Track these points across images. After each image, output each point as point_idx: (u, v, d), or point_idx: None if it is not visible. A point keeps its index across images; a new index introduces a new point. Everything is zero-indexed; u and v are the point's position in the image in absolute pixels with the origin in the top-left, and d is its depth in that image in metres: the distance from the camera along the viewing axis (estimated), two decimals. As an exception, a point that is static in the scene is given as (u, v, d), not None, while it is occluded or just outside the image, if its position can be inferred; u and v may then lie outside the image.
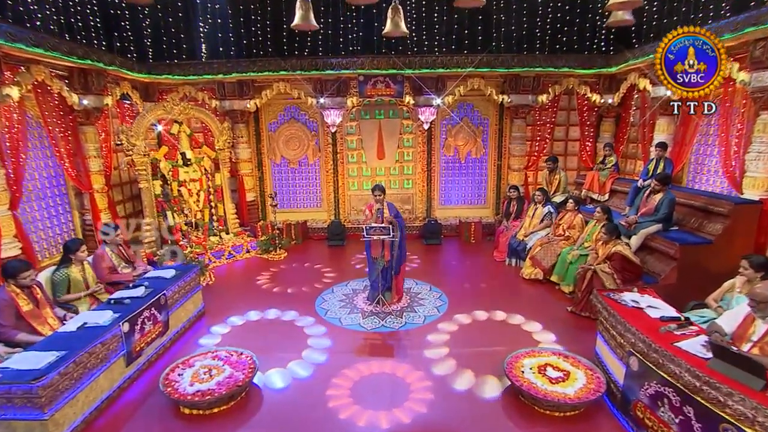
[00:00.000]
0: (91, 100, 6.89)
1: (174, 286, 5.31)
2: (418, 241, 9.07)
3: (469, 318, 5.74)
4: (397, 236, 5.73)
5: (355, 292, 6.56)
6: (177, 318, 5.36)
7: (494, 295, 6.50)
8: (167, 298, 5.10)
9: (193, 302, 5.79)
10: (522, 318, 5.70)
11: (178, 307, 5.39)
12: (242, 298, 6.43)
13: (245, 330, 5.49)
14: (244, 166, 9.34)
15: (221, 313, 5.86)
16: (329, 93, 8.76)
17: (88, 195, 7.20)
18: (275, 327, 5.54)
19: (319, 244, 9.21)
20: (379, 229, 5.64)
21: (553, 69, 8.66)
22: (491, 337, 5.25)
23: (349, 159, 9.75)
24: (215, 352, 4.64)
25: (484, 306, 6.04)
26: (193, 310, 5.76)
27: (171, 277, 5.44)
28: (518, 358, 4.45)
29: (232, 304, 6.16)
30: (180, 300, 5.44)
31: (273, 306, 6.07)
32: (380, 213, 5.82)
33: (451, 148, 9.75)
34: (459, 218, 9.69)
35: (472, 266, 7.77)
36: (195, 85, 8.73)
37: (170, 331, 5.18)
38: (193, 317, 5.73)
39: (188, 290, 5.65)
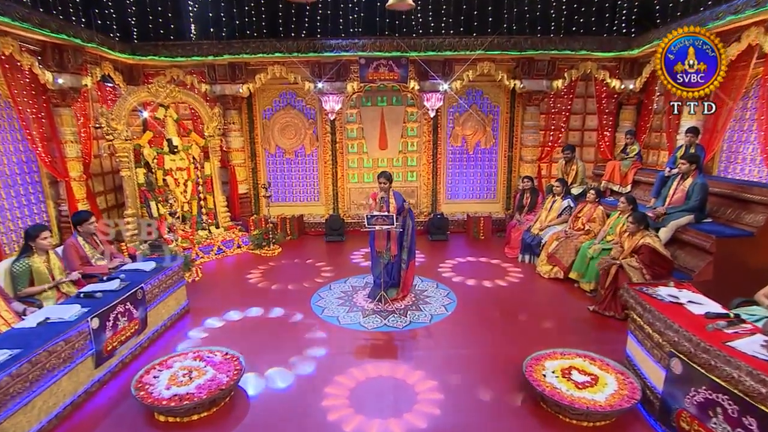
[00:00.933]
0: (67, 79, 6.55)
1: (153, 280, 4.96)
2: (423, 237, 8.77)
3: (481, 317, 5.39)
4: (399, 226, 5.40)
5: (354, 290, 6.23)
6: (157, 315, 5.01)
7: (507, 293, 6.17)
8: (145, 293, 4.74)
9: (176, 298, 5.44)
10: (540, 317, 5.34)
11: (159, 303, 5.04)
12: (231, 295, 6.16)
13: (233, 329, 5.18)
14: (236, 156, 9.04)
15: (207, 310, 5.57)
16: (328, 77, 8.44)
17: (64, 183, 6.86)
18: (266, 326, 5.22)
19: (317, 240, 8.92)
20: (382, 218, 5.28)
21: (570, 52, 8.30)
22: (506, 337, 4.90)
23: (349, 149, 9.45)
24: (197, 352, 4.28)
25: (496, 304, 5.69)
26: (175, 307, 5.41)
27: (151, 270, 5.09)
28: (539, 360, 4.08)
29: (219, 301, 5.89)
30: (160, 295, 5.10)
31: (264, 303, 5.78)
32: (385, 202, 5.52)
33: (459, 138, 9.43)
34: (467, 213, 9.36)
35: (482, 263, 7.44)
36: (183, 67, 8.41)
37: (149, 329, 4.82)
38: (175, 315, 5.38)
39: (170, 285, 5.30)
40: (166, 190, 7.40)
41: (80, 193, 7.00)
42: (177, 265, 5.49)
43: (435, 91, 8.53)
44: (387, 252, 5.61)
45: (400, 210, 5.58)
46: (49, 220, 6.84)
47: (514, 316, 5.45)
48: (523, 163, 9.26)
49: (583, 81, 9.01)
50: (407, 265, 5.71)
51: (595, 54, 8.32)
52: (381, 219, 5.30)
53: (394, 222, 5.25)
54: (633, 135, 7.60)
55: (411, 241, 5.65)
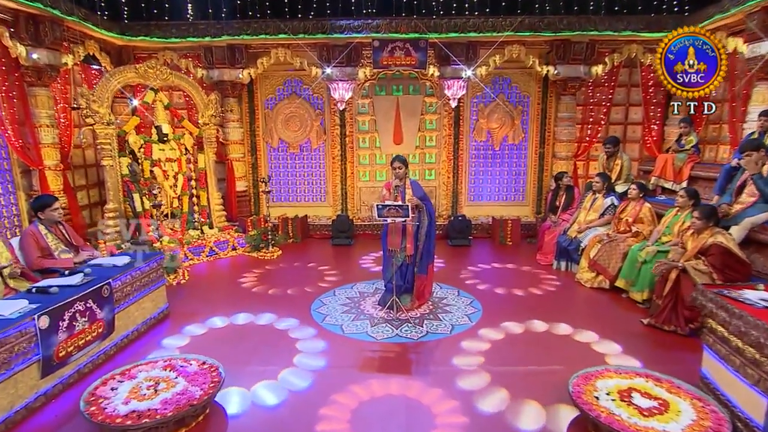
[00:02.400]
0: (44, 55, 6.21)
1: (125, 277, 4.48)
2: (442, 242, 8.27)
3: (511, 329, 4.82)
4: (415, 219, 4.95)
5: (362, 296, 5.75)
6: (128, 317, 4.54)
7: (542, 303, 5.61)
8: (113, 291, 4.25)
9: (153, 300, 4.99)
10: (583, 331, 4.73)
11: (131, 304, 4.57)
12: (219, 299, 5.75)
13: (217, 336, 4.70)
14: (234, 150, 8.70)
15: (190, 315, 5.14)
16: (338, 62, 8.06)
17: (38, 173, 6.50)
18: (256, 333, 4.74)
19: (322, 243, 8.54)
20: (395, 208, 4.75)
21: (612, 33, 7.76)
22: (543, 353, 4.31)
23: (360, 144, 9.09)
24: (169, 360, 3.76)
25: (529, 315, 5.12)
26: (152, 309, 4.95)
27: (123, 265, 4.61)
28: (588, 379, 3.46)
29: (205, 305, 5.46)
30: (134, 295, 4.63)
31: (256, 309, 5.32)
32: (401, 192, 5.04)
33: (483, 131, 8.97)
34: (492, 217, 8.83)
35: (511, 270, 6.92)
36: (177, 50, 8.12)
37: (116, 334, 4.33)
38: (151, 319, 4.92)
39: (147, 284, 4.85)
40: (152, 182, 6.97)
41: (56, 184, 6.62)
42: (155, 261, 5.03)
43: (457, 78, 8.11)
44: (401, 251, 5.11)
45: (420, 199, 5.09)
46: (19, 214, 6.44)
47: (552, 328, 4.83)
48: (557, 160, 8.71)
49: (627, 67, 8.44)
50: (425, 269, 5.20)
51: (641, 35, 7.74)
52: (394, 210, 4.78)
53: (409, 214, 4.73)
54: (689, 123, 6.95)
55: (429, 239, 5.15)
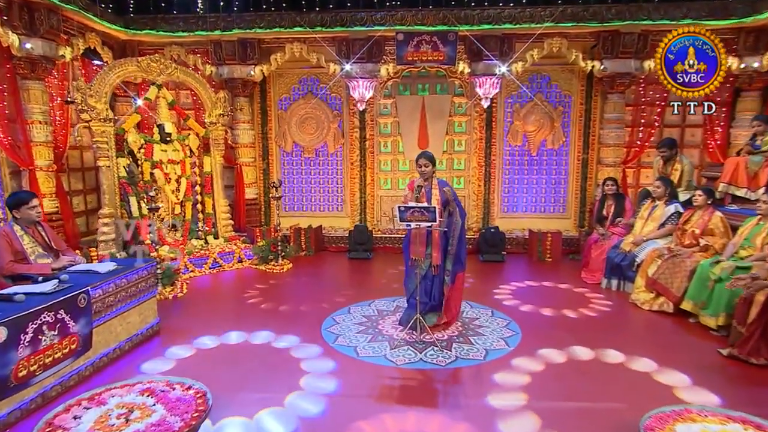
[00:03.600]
0: (38, 45, 6.02)
1: (107, 285, 4.12)
2: (472, 257, 7.77)
3: (557, 356, 4.30)
4: (443, 224, 4.54)
5: (381, 314, 5.34)
6: (109, 333, 4.17)
7: (592, 326, 5.07)
8: (91, 301, 3.86)
9: (142, 313, 4.62)
10: (638, 358, 4.17)
11: (113, 317, 4.21)
12: (219, 315, 5.41)
13: (213, 357, 4.32)
14: (244, 153, 8.45)
15: (184, 332, 4.79)
16: (358, 57, 7.76)
17: (28, 174, 6.27)
18: (258, 355, 4.33)
19: (337, 257, 8.19)
20: (420, 210, 4.31)
21: (669, 22, 7.21)
22: (598, 385, 3.78)
23: (381, 148, 8.76)
24: (148, 383, 3.33)
25: (577, 341, 4.61)
26: (139, 324, 4.58)
27: (106, 272, 4.25)
28: (665, 422, 2.88)
29: (202, 322, 5.13)
30: (118, 307, 4.27)
31: (260, 327, 4.93)
32: (426, 193, 4.68)
33: (519, 135, 8.53)
34: (528, 230, 8.32)
35: (552, 289, 6.40)
36: (185, 45, 7.93)
37: (94, 351, 3.96)
38: (138, 335, 4.55)
39: (134, 294, 4.49)
40: (153, 185, 6.68)
41: (47, 186, 6.39)
42: (146, 269, 4.66)
43: (490, 75, 7.69)
44: (426, 260, 4.69)
45: (446, 204, 4.68)
46: (5, 218, 6.19)
47: (606, 357, 4.26)
48: (603, 167, 8.16)
49: (684, 61, 7.85)
50: (452, 279, 4.74)
51: (704, 23, 7.15)
52: (418, 212, 4.34)
53: (436, 217, 4.28)
54: (765, 121, 6.30)
55: (459, 245, 4.73)
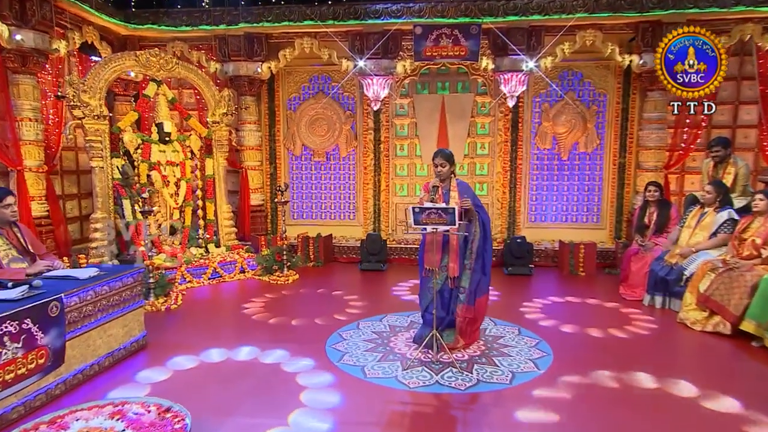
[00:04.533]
0: (30, 37, 5.92)
1: (85, 293, 3.85)
2: (497, 270, 7.49)
3: (597, 382, 3.89)
4: (463, 228, 4.21)
5: (393, 330, 5.05)
6: (86, 347, 3.89)
7: (636, 348, 4.67)
8: (66, 310, 3.60)
9: (126, 325, 4.35)
10: (706, 390, 3.70)
11: (91, 329, 3.93)
12: (214, 329, 5.20)
13: (202, 375, 4.03)
14: (250, 156, 8.33)
15: (174, 347, 4.56)
16: (372, 53, 7.58)
17: (15, 175, 6.15)
18: (252, 374, 4.03)
19: (348, 268, 7.97)
20: (437, 212, 3.99)
21: (718, 9, 6.78)
22: (645, 419, 3.37)
23: (397, 152, 8.58)
24: (120, 405, 3.03)
25: (618, 366, 4.15)
26: (123, 337, 4.31)
27: (86, 278, 3.98)
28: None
29: (195, 336, 4.92)
30: (97, 317, 4.00)
31: (258, 342, 4.67)
32: (444, 195, 4.40)
33: (548, 137, 8.22)
34: (558, 241, 7.96)
35: (587, 306, 6.01)
36: (188, 40, 7.89)
37: (68, 367, 3.67)
38: (121, 350, 4.27)
39: (117, 303, 4.23)
40: (149, 189, 6.49)
41: (37, 188, 6.28)
42: (131, 277, 4.41)
43: (516, 71, 7.44)
44: (441, 271, 4.37)
45: (466, 209, 4.36)
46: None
47: (652, 384, 3.84)
48: (642, 172, 7.76)
49: (737, 55, 7.36)
50: (471, 300, 4.38)
51: (760, 10, 6.73)
52: (435, 215, 4.02)
53: (455, 220, 3.96)
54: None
55: (482, 257, 4.41)
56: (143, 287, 5.51)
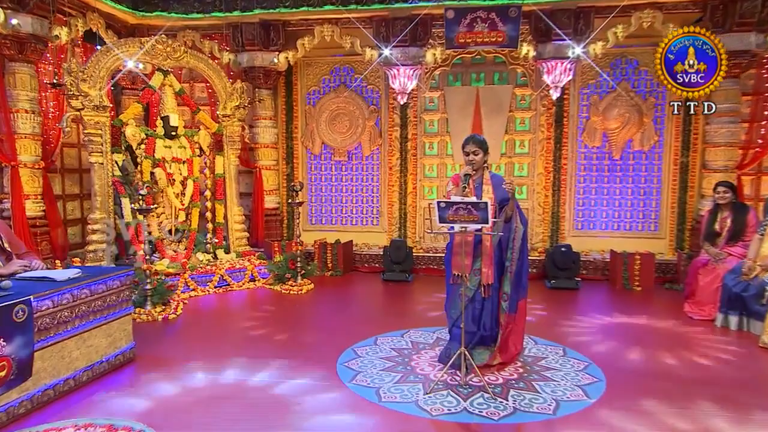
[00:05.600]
0: (27, 22, 5.84)
1: (60, 296, 3.60)
2: (538, 284, 7.15)
3: (662, 415, 3.45)
4: (498, 227, 3.85)
5: (416, 348, 4.74)
6: (60, 358, 3.64)
7: (707, 379, 4.16)
8: (33, 315, 3.32)
9: (110, 335, 4.11)
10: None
11: (67, 338, 3.68)
12: (214, 343, 4.96)
13: (194, 395, 3.76)
14: (264, 155, 8.20)
15: (166, 362, 4.36)
16: (399, 41, 7.35)
17: (9, 171, 6.06)
18: (248, 394, 3.76)
19: (370, 278, 7.76)
20: (467, 208, 3.63)
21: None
22: None
23: (426, 150, 8.37)
24: (85, 427, 2.72)
25: (688, 399, 3.73)
26: (106, 349, 4.06)
27: (64, 280, 3.73)
28: None
29: (191, 350, 4.73)
30: (75, 325, 3.76)
31: (260, 358, 4.47)
32: (475, 189, 4.10)
33: (598, 133, 7.84)
34: (610, 251, 7.52)
35: (645, 326, 5.54)
36: (200, 29, 7.79)
37: (36, 382, 3.41)
38: (103, 363, 4.03)
39: (100, 310, 3.99)
40: (153, 187, 6.33)
41: (32, 186, 6.18)
42: (118, 279, 4.18)
43: (561, 59, 7.10)
44: (474, 278, 4.03)
45: (502, 203, 4.03)
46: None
47: (734, 424, 3.34)
48: (709, 173, 7.26)
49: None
50: (514, 307, 4.09)
51: None
52: (464, 210, 3.66)
53: (488, 218, 3.59)
54: None
55: (520, 260, 4.08)
56: (141, 294, 5.45)
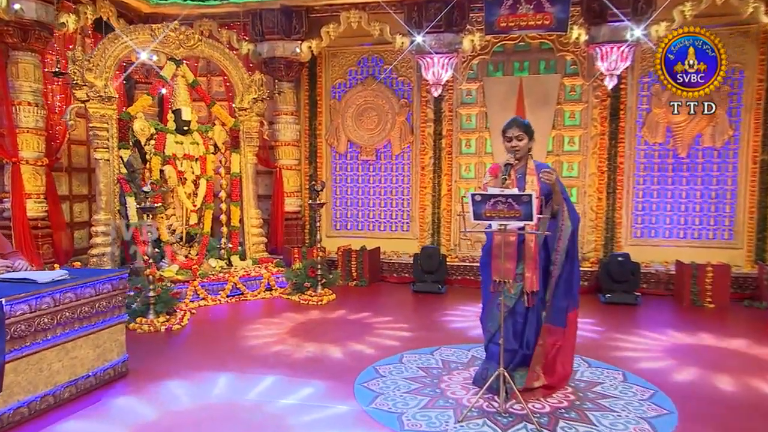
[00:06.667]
0: (32, 8, 5.81)
1: (39, 300, 3.40)
2: (589, 298, 6.83)
3: None
4: (544, 225, 3.61)
5: (447, 367, 4.50)
6: (38, 371, 3.43)
7: None
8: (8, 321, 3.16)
9: (99, 346, 3.93)
10: None
11: (47, 348, 3.48)
12: (219, 357, 4.80)
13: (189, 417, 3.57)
14: (285, 154, 8.12)
15: (164, 377, 4.20)
16: (433, 27, 7.20)
17: (11, 168, 6.03)
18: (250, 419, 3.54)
19: (398, 290, 7.60)
20: (507, 201, 3.35)
21: None
22: None
23: (462, 148, 8.21)
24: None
25: None
26: (94, 361, 3.87)
27: (47, 282, 3.56)
28: None
29: (193, 365, 4.57)
30: (57, 334, 3.56)
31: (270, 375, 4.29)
32: (518, 179, 3.80)
33: (660, 128, 7.52)
34: (676, 262, 7.11)
35: (723, 348, 5.15)
36: (217, 17, 7.80)
37: (7, 399, 3.20)
38: (90, 377, 3.83)
39: (86, 317, 3.79)
40: (162, 186, 6.29)
41: (35, 184, 6.15)
42: (109, 283, 3.99)
43: (618, 42, 6.82)
44: (517, 285, 3.71)
45: (548, 196, 3.70)
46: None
47: None
48: (795, 172, 6.78)
49: None
50: (563, 319, 3.75)
51: None
52: (503, 204, 3.35)
53: (532, 213, 3.28)
54: None
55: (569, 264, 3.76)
56: (143, 302, 5.37)
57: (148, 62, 6.74)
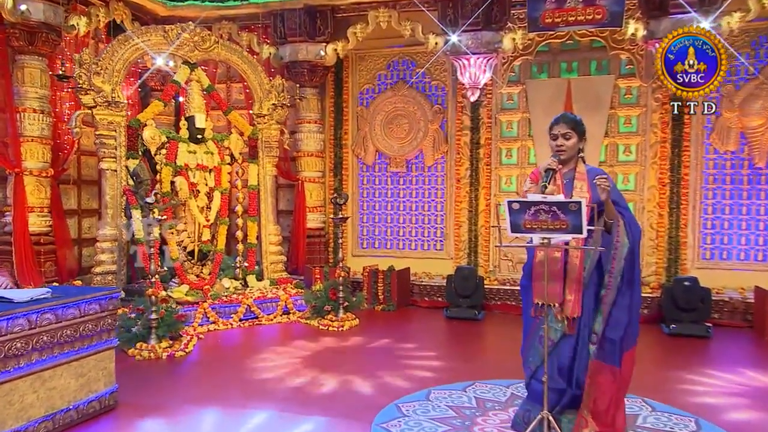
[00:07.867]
0: (39, 9, 5.94)
1: (12, 322, 3.20)
2: (650, 328, 6.47)
3: None
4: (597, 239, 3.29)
5: (482, 406, 4.29)
6: (7, 404, 3.21)
7: None
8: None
9: (82, 375, 3.72)
10: None
11: (18, 377, 3.27)
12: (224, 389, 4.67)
13: None
14: (308, 165, 8.07)
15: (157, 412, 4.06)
16: (470, 25, 7.10)
17: (13, 179, 6.06)
18: None
19: (430, 315, 7.43)
20: (551, 209, 3.03)
21: None
22: None
23: (503, 158, 8.10)
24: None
25: None
26: (76, 393, 3.66)
27: (24, 301, 3.37)
28: None
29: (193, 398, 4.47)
30: (32, 360, 3.36)
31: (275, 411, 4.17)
32: (565, 185, 3.52)
33: (733, 134, 7.28)
34: (755, 288, 6.68)
35: None
36: (237, 19, 7.89)
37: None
38: (70, 411, 3.60)
39: (68, 342, 3.60)
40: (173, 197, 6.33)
41: (38, 197, 6.17)
42: (99, 302, 3.81)
43: None
44: (561, 309, 3.37)
45: (601, 206, 3.34)
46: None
47: None
48: None
49: None
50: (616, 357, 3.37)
51: None
52: (546, 214, 3.05)
53: (582, 226, 2.97)
54: None
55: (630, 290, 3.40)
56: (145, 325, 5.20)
57: (161, 67, 6.74)
